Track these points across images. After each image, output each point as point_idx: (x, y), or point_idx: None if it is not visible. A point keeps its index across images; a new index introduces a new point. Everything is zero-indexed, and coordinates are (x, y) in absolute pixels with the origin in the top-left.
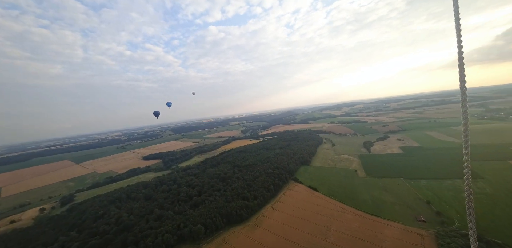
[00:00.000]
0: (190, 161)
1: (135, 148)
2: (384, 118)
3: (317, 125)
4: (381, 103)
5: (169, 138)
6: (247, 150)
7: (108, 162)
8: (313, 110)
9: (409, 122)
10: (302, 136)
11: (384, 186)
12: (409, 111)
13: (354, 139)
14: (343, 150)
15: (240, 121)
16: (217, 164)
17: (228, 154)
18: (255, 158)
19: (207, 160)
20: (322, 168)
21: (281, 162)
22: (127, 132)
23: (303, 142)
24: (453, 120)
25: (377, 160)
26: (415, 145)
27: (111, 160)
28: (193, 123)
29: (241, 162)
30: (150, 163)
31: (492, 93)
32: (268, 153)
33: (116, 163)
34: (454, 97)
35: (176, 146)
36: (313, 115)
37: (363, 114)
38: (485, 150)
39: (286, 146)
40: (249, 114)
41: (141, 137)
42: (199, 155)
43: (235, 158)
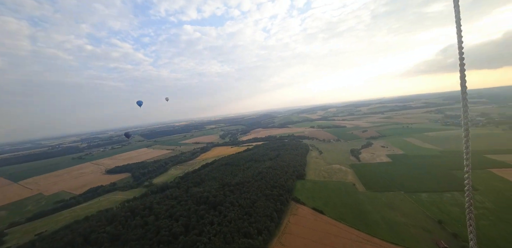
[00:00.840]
0: (166, 174)
1: (97, 157)
2: (360, 123)
3: (298, 129)
4: (352, 107)
5: (139, 144)
6: (233, 162)
7: (60, 178)
8: (289, 113)
9: (385, 128)
10: (289, 144)
11: (389, 203)
12: (379, 116)
13: (339, 146)
14: (332, 158)
15: (217, 125)
16: (201, 180)
17: (212, 167)
18: (245, 172)
19: (187, 174)
20: (319, 182)
21: (277, 178)
22: (86, 137)
23: (292, 150)
24: (423, 126)
25: (370, 171)
26: (399, 152)
27: (64, 176)
28: (165, 126)
29: (229, 178)
30: (116, 178)
31: (442, 100)
32: (258, 165)
33: (71, 180)
34: (413, 103)
35: (148, 154)
36: (290, 118)
37: (338, 118)
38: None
39: (276, 157)
40: (225, 117)
41: (104, 143)
42: (176, 167)
43: (221, 173)
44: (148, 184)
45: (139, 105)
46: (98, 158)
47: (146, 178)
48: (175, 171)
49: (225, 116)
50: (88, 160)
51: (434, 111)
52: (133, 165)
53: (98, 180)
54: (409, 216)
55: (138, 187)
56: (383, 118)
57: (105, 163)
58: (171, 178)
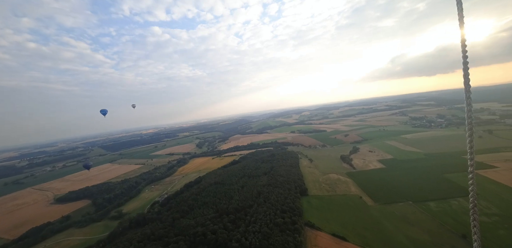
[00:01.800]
0: (139, 198)
1: (42, 180)
2: (338, 127)
3: (278, 135)
4: (323, 110)
5: (100, 159)
6: (224, 181)
7: None
8: (264, 117)
9: (364, 131)
10: (278, 153)
11: (403, 216)
12: (353, 119)
13: (326, 152)
14: (325, 166)
15: (190, 132)
16: (189, 208)
17: (199, 188)
18: (242, 193)
19: (168, 200)
20: (324, 198)
21: (282, 199)
22: (28, 152)
23: (283, 161)
24: (396, 128)
25: (368, 179)
26: (388, 157)
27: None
28: (131, 135)
29: (225, 202)
30: (70, 208)
31: (399, 102)
32: (254, 182)
33: (1, 217)
34: (375, 105)
35: (112, 172)
36: (267, 123)
37: (315, 122)
38: (450, 160)
39: (270, 170)
40: (197, 122)
41: (52, 159)
42: (150, 187)
43: (213, 196)
44: (116, 215)
45: (103, 114)
46: (44, 180)
47: (112, 206)
48: (150, 192)
49: (197, 122)
50: (29, 184)
51: (398, 113)
52: (93, 188)
53: (43, 214)
54: (432, 232)
55: (102, 220)
56: (357, 121)
57: (54, 187)
58: (146, 203)
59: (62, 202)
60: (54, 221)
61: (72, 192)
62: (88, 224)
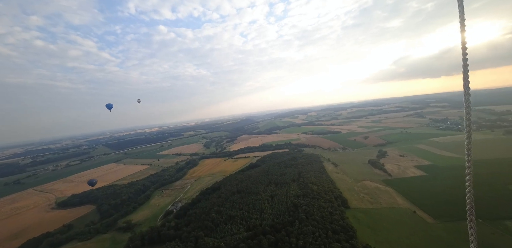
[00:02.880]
0: (149, 206)
1: (44, 180)
2: (353, 128)
3: (290, 136)
4: (330, 110)
5: (104, 159)
6: (248, 189)
7: None
8: (269, 117)
9: (384, 133)
10: (299, 156)
11: (482, 239)
12: (364, 120)
13: (350, 155)
14: (354, 172)
15: (196, 131)
16: (214, 223)
17: (219, 197)
18: (275, 206)
19: (185, 210)
20: (370, 211)
21: (327, 215)
22: (33, 149)
23: (308, 165)
24: (420, 131)
25: (412, 188)
26: (425, 162)
27: None
28: (135, 133)
29: (256, 217)
30: (73, 214)
31: (407, 103)
32: (283, 191)
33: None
34: (384, 107)
35: (118, 173)
36: (274, 123)
37: (326, 122)
38: (507, 168)
39: (298, 176)
40: (201, 121)
41: (56, 157)
42: (160, 192)
43: (241, 209)
44: (124, 226)
45: (109, 108)
46: (47, 180)
47: (119, 214)
48: (160, 198)
49: (201, 121)
50: (31, 185)
51: (413, 115)
52: (98, 192)
53: (43, 221)
54: None
55: (108, 231)
56: (371, 122)
57: (57, 188)
58: (158, 212)
59: (64, 207)
60: (55, 231)
61: (75, 195)
62: (92, 236)
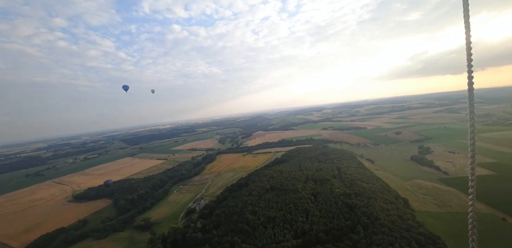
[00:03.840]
0: (167, 202)
1: (63, 173)
2: (378, 124)
3: (309, 132)
4: (344, 108)
5: (121, 153)
6: (284, 186)
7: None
8: (281, 115)
9: (419, 129)
10: (327, 152)
11: None
12: (387, 116)
13: (386, 152)
14: (399, 169)
15: (208, 128)
16: (250, 226)
17: (249, 194)
18: (322, 206)
19: (210, 209)
20: (444, 216)
21: (396, 219)
22: (55, 143)
23: (344, 161)
24: (463, 127)
25: (490, 190)
26: (486, 160)
27: (5, 206)
28: (149, 130)
29: (301, 219)
30: (89, 208)
31: (432, 100)
32: (326, 189)
33: (11, 216)
34: (406, 104)
35: (134, 167)
36: (288, 120)
37: (345, 119)
38: None
39: (338, 172)
40: (212, 119)
41: (75, 151)
42: (179, 187)
43: (280, 209)
44: (143, 224)
45: (125, 90)
46: (65, 173)
47: (136, 210)
48: (179, 194)
49: (212, 119)
50: (50, 177)
51: (445, 110)
52: (115, 186)
53: (59, 215)
54: None
55: (125, 229)
56: (397, 118)
57: (74, 181)
58: (178, 209)
59: (80, 200)
60: (69, 227)
61: (91, 189)
62: (108, 233)
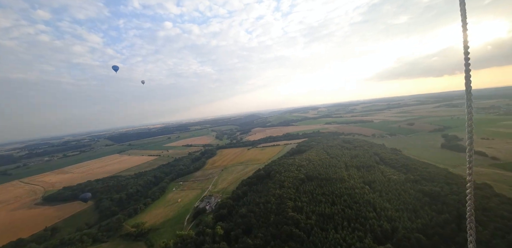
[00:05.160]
0: (165, 201)
1: (35, 171)
2: (384, 117)
3: (312, 126)
4: (337, 107)
5: (107, 150)
6: (322, 175)
7: None
8: (275, 114)
9: (433, 120)
10: (352, 140)
11: None
12: (388, 112)
13: (408, 141)
14: (437, 158)
15: (202, 126)
16: (305, 231)
17: (283, 189)
18: (392, 198)
19: (228, 205)
20: None
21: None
22: (32, 144)
23: (374, 147)
24: (477, 117)
25: None
26: None
27: None
28: (139, 130)
29: (365, 213)
30: (61, 212)
31: (423, 100)
32: (375, 176)
33: None
34: (401, 102)
35: (122, 163)
36: (285, 118)
37: (346, 115)
38: None
39: (379, 159)
40: (204, 119)
41: (54, 150)
42: (178, 184)
43: (330, 203)
44: (134, 232)
45: (115, 70)
46: (38, 172)
47: (125, 212)
48: (180, 192)
49: (204, 119)
50: (19, 176)
51: (443, 106)
52: (97, 184)
53: (21, 220)
54: None
55: (110, 238)
56: (400, 113)
57: (47, 180)
58: (182, 211)
59: (52, 202)
60: (31, 238)
61: (67, 188)
62: (85, 246)
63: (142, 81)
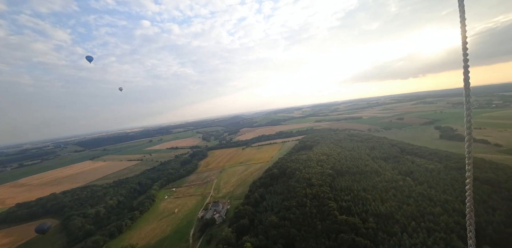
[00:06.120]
0: (157, 213)
1: None
2: (372, 114)
3: (302, 125)
4: (320, 107)
5: (76, 156)
6: (351, 169)
7: None
8: (258, 115)
9: (418, 115)
10: (354, 135)
11: None
12: (371, 110)
13: (405, 133)
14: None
15: (185, 128)
16: (370, 237)
17: (311, 187)
18: (447, 189)
19: (248, 213)
20: None
21: None
22: None
23: (382, 139)
24: (457, 110)
25: None
26: None
27: None
28: (115, 134)
29: (429, 209)
30: (10, 239)
31: (400, 100)
32: (408, 165)
33: None
34: (379, 101)
35: (96, 171)
36: (271, 118)
37: (332, 114)
38: None
39: (400, 151)
40: (185, 121)
41: (8, 159)
42: (170, 191)
43: (380, 200)
44: None
45: (89, 61)
46: None
47: (107, 229)
48: (174, 200)
49: (185, 121)
50: None
51: (421, 103)
52: (65, 197)
53: None
54: None
55: None
56: (386, 110)
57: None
58: (180, 223)
59: (0, 225)
60: None
61: (22, 205)
62: None
63: (119, 88)
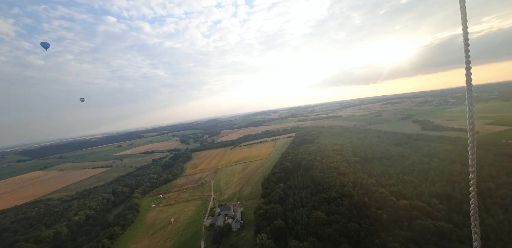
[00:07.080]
0: (144, 228)
1: None
2: (351, 113)
3: (288, 124)
4: (296, 110)
5: (22, 166)
6: (375, 154)
7: None
8: (236, 118)
9: (393, 112)
10: (350, 128)
11: None
12: (346, 110)
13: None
14: None
15: (159, 132)
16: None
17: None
18: (499, 164)
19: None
20: None
21: None
22: None
23: (368, 132)
24: (422, 109)
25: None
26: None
27: None
28: (72, 141)
29: None
30: None
31: (364, 102)
32: (425, 149)
33: None
34: (351, 104)
35: (50, 183)
36: (251, 120)
37: (311, 114)
38: None
39: (407, 138)
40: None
41: None
42: (157, 198)
43: (427, 183)
44: None
45: (45, 48)
46: None
47: None
48: (164, 209)
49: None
50: None
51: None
52: (3, 218)
53: None
54: None
55: None
56: (361, 110)
57: None
58: (182, 236)
59: None
60: None
61: None
62: None
63: (81, 99)
